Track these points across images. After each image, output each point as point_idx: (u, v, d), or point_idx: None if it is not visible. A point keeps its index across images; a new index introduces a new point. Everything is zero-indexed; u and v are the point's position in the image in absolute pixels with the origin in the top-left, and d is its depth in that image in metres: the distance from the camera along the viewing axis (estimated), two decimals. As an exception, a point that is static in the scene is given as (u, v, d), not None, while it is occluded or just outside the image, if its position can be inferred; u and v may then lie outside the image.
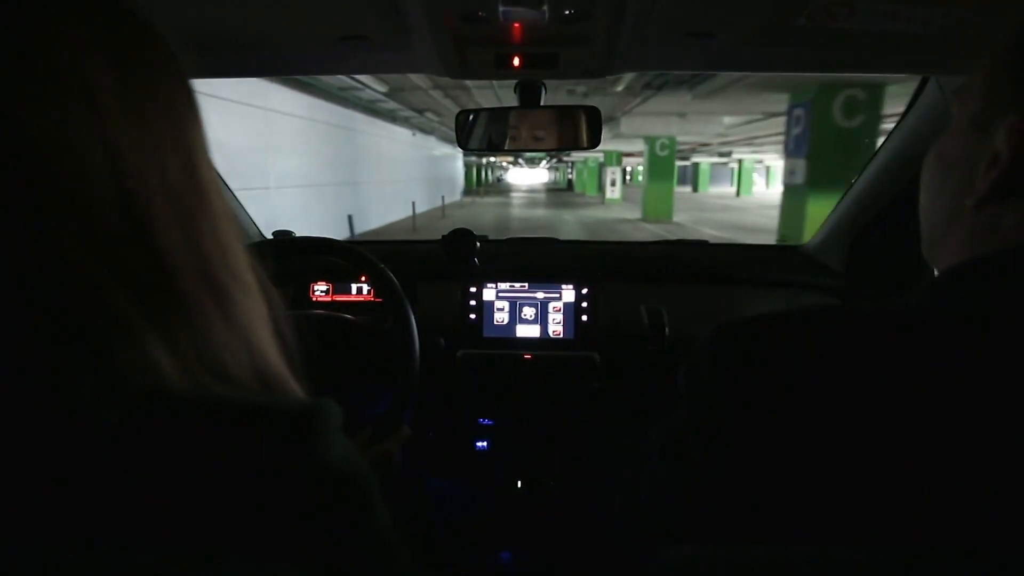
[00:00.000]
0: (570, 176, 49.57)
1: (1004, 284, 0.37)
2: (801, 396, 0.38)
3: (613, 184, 23.62)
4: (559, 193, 36.23)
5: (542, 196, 30.90)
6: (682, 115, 12.43)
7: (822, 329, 0.40)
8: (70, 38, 0.31)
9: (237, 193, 1.36)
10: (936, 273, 0.44)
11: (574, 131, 1.04)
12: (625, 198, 24.40)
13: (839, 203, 1.35)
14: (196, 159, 0.37)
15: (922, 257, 0.48)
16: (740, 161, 34.64)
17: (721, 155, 31.19)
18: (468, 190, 35.57)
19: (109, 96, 0.31)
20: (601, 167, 28.69)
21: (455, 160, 29.92)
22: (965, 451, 0.34)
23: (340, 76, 7.64)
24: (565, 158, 39.43)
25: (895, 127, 1.16)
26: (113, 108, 0.32)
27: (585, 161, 34.07)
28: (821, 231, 1.42)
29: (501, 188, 44.27)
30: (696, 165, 39.63)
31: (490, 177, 57.76)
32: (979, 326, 0.36)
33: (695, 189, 40.24)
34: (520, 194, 32.85)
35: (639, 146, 20.34)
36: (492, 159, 41.34)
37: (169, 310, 0.33)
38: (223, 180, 1.27)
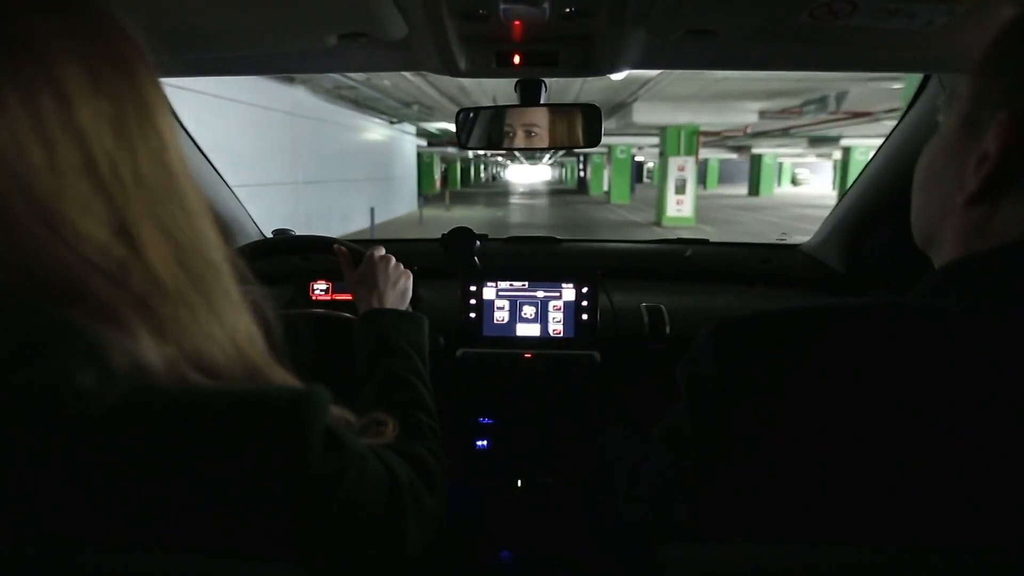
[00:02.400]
0: (581, 174, 36.07)
1: (1002, 280, 0.37)
2: (800, 391, 0.38)
3: (681, 192, 12.43)
4: (568, 200, 24.66)
5: (543, 204, 21.22)
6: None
7: (821, 325, 0.40)
8: (39, 37, 0.31)
9: None
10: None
11: (576, 129, 1.03)
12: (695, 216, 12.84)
13: (840, 202, 1.35)
14: (168, 151, 0.37)
15: (923, 256, 0.48)
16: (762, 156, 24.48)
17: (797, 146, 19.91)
18: (440, 194, 25.02)
19: (79, 91, 0.31)
20: (638, 161, 19.52)
21: (396, 150, 16.79)
22: (965, 447, 0.34)
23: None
24: (576, 150, 34.95)
25: (896, 126, 1.16)
26: (84, 104, 0.31)
27: (610, 149, 19.74)
28: (821, 230, 1.42)
29: (493, 190, 35.51)
30: (758, 157, 25.79)
31: (483, 175, 51.59)
32: (979, 322, 0.36)
33: (755, 191, 26.91)
34: (516, 202, 22.46)
35: (732, 117, 11.12)
36: (481, 152, 36.82)
37: (153, 300, 0.33)
38: (221, 177, 1.28)
